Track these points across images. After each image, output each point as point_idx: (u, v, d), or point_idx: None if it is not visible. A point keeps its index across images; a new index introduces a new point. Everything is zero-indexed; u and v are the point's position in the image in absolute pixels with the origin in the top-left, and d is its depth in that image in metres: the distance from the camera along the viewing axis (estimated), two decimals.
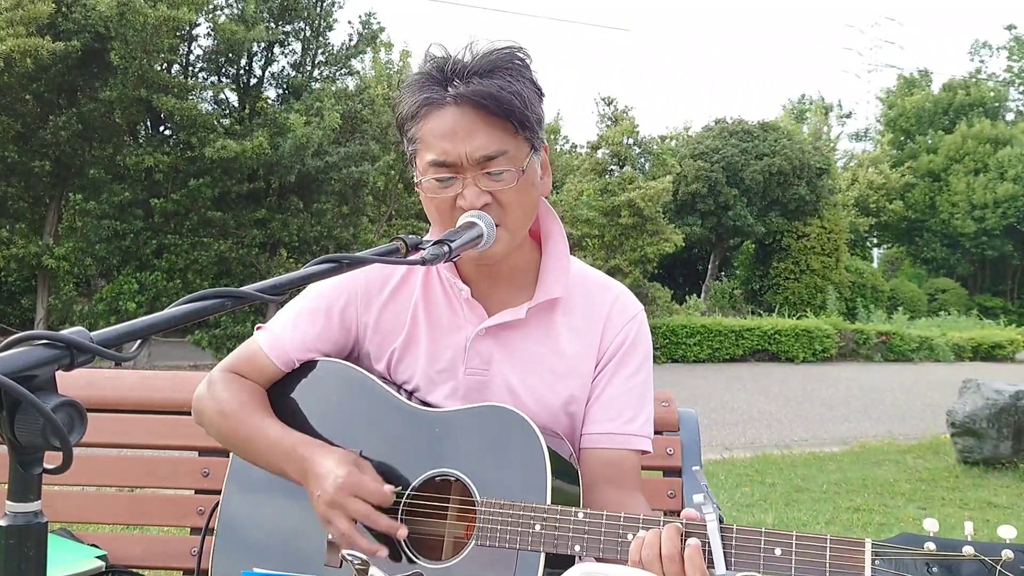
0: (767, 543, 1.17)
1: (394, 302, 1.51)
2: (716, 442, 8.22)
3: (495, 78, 1.31)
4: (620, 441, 1.46)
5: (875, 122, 43.34)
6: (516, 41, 1.36)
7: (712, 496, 1.21)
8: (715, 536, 1.18)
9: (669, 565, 1.17)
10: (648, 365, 1.52)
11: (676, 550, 1.18)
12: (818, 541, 1.16)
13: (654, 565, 1.18)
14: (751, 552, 1.18)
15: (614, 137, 19.70)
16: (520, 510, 1.27)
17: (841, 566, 1.14)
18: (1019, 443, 6.70)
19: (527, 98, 1.33)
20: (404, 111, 1.37)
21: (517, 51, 1.35)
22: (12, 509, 0.73)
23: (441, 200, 1.35)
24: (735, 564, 1.18)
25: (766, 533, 1.18)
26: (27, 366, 0.72)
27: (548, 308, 1.47)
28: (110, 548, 1.83)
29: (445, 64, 1.34)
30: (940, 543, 1.12)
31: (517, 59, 1.35)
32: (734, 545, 1.18)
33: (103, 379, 1.95)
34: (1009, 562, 1.08)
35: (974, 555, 1.10)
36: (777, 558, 1.17)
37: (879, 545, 1.13)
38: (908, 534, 1.14)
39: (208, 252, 14.73)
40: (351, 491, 1.29)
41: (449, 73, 1.32)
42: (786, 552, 1.16)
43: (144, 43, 12.86)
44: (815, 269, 25.48)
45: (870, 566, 1.13)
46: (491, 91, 1.29)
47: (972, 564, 1.10)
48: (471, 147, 1.31)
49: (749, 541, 1.18)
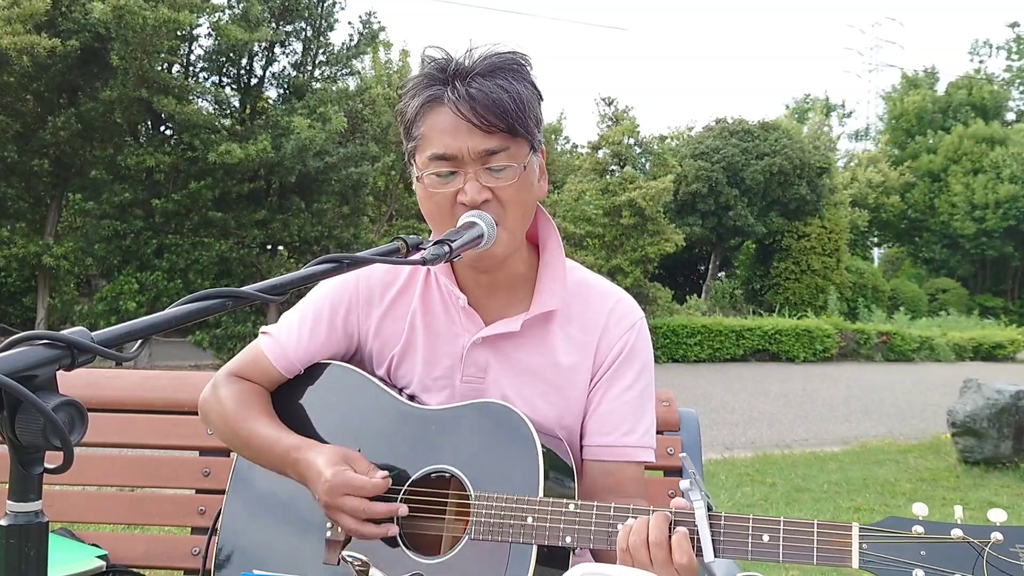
0: (755, 529, 1.18)
1: (394, 309, 1.52)
2: (717, 442, 8.22)
3: (496, 79, 1.31)
4: (617, 453, 1.46)
5: (876, 121, 43.38)
6: (518, 46, 1.38)
7: (700, 483, 1.21)
8: (703, 523, 1.18)
9: (656, 551, 1.17)
10: (648, 374, 1.51)
11: (663, 536, 1.18)
12: (805, 526, 1.16)
13: (640, 551, 1.18)
14: (739, 538, 1.18)
15: (615, 137, 19.69)
16: (512, 503, 1.28)
17: (829, 550, 1.14)
18: (1020, 443, 6.70)
19: (527, 99, 1.34)
20: (407, 109, 1.38)
21: (518, 55, 1.37)
22: (13, 509, 0.73)
23: (441, 196, 1.35)
24: (723, 551, 1.19)
25: (754, 519, 1.18)
26: (28, 366, 0.72)
27: (544, 319, 1.47)
28: (111, 548, 1.83)
29: (447, 65, 1.34)
30: (928, 526, 1.11)
31: (518, 62, 1.36)
32: (722, 532, 1.19)
33: (104, 379, 1.95)
34: (998, 544, 1.07)
35: (963, 538, 1.09)
36: (765, 544, 1.17)
37: (866, 529, 1.13)
38: (896, 517, 1.13)
39: (209, 252, 14.73)
40: (341, 491, 1.31)
41: (451, 73, 1.33)
42: (774, 538, 1.17)
43: (144, 44, 12.86)
44: (816, 269, 25.47)
45: (857, 549, 1.12)
46: (492, 90, 1.30)
47: (961, 547, 1.08)
48: (473, 141, 1.31)
49: (737, 527, 1.19)
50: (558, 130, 25.48)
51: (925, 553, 1.09)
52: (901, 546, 1.11)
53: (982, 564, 1.07)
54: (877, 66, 48.66)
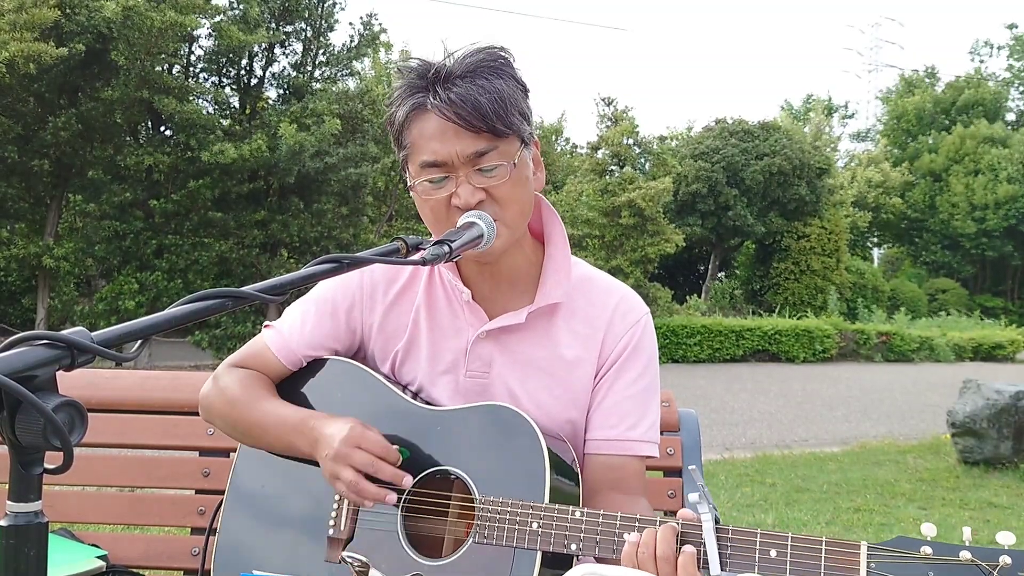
0: (763, 544, 1.17)
1: (398, 304, 1.52)
2: (716, 442, 8.22)
3: (476, 79, 1.31)
4: (621, 447, 1.46)
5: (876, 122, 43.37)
6: (496, 41, 1.37)
7: (708, 495, 1.21)
8: (710, 536, 1.18)
9: (663, 566, 1.17)
10: (652, 370, 1.51)
11: (671, 551, 1.18)
12: (813, 543, 1.15)
13: (648, 565, 1.18)
14: (746, 553, 1.18)
15: (614, 137, 19.69)
16: (518, 508, 1.28)
17: (836, 568, 1.13)
18: (1019, 443, 6.70)
19: (509, 95, 1.33)
20: (395, 119, 1.38)
21: (498, 50, 1.36)
22: (13, 509, 0.73)
23: (436, 202, 1.35)
24: (730, 565, 1.18)
25: (762, 534, 1.18)
26: (28, 366, 0.72)
27: (549, 312, 1.47)
28: (111, 548, 1.83)
29: (427, 71, 1.34)
30: (937, 547, 1.11)
31: (499, 58, 1.35)
32: (729, 546, 1.18)
33: (104, 379, 1.95)
34: (1006, 568, 1.08)
35: (971, 560, 1.09)
36: (772, 559, 1.16)
37: (875, 548, 1.13)
38: (905, 537, 1.13)
39: (209, 252, 14.74)
40: (355, 443, 1.32)
41: (431, 79, 1.33)
42: (781, 554, 1.16)
43: (148, 46, 12.88)
44: (815, 269, 25.48)
45: (865, 569, 1.12)
46: (473, 92, 1.30)
47: (969, 569, 1.09)
48: (461, 145, 1.32)
49: (744, 542, 1.18)
50: (559, 131, 25.49)
51: (933, 574, 1.10)
52: (909, 566, 1.11)
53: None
54: (877, 66, 48.73)
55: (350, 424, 1.34)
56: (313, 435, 1.38)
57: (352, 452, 1.32)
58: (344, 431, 1.33)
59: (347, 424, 1.35)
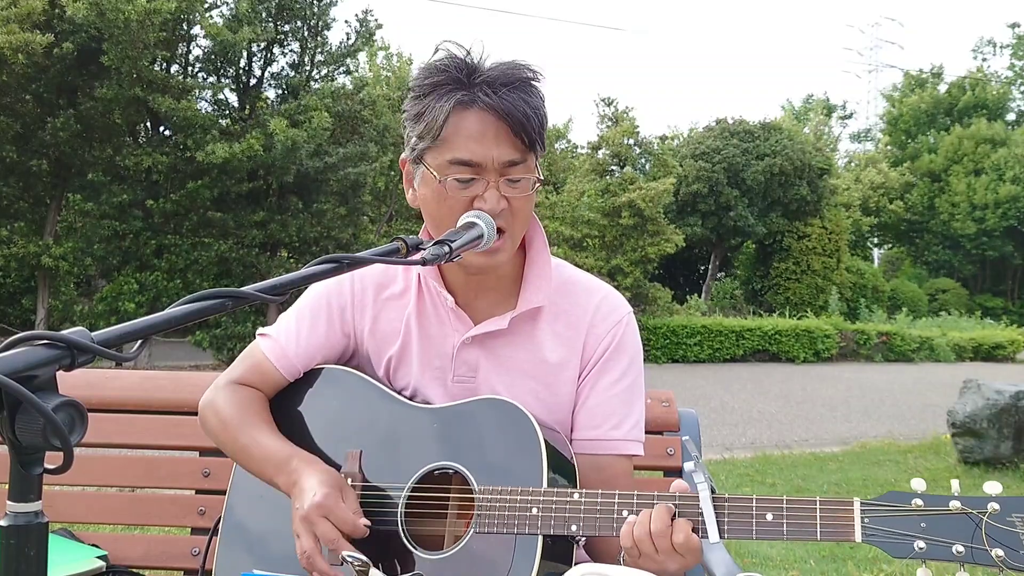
0: (759, 509, 1.20)
1: (389, 309, 1.53)
2: (716, 442, 8.22)
3: (521, 92, 1.34)
4: (606, 447, 1.47)
5: (877, 121, 43.35)
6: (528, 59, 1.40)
7: (703, 465, 1.23)
8: (707, 505, 1.21)
9: (659, 540, 1.20)
10: (636, 368, 1.52)
11: (664, 526, 1.20)
12: (808, 503, 1.18)
13: (644, 542, 1.21)
14: (743, 519, 1.20)
15: (615, 138, 19.68)
16: (517, 495, 1.29)
17: (831, 525, 1.16)
18: (1020, 443, 6.69)
19: (544, 115, 1.37)
20: (431, 109, 1.34)
21: (535, 69, 1.39)
22: (13, 509, 0.73)
23: (456, 200, 1.35)
24: (727, 532, 1.21)
25: (757, 500, 1.20)
26: (28, 366, 0.72)
27: (531, 316, 1.48)
28: (111, 548, 1.83)
29: (469, 72, 1.34)
30: (927, 499, 1.14)
31: (537, 77, 1.38)
32: (726, 513, 1.21)
33: (104, 379, 1.95)
34: (996, 514, 1.11)
35: (961, 509, 1.12)
36: (769, 523, 1.19)
37: (867, 504, 1.16)
38: (896, 492, 1.17)
39: (208, 252, 14.74)
40: (323, 512, 1.29)
41: (477, 79, 1.34)
42: (777, 516, 1.19)
43: (133, 41, 12.84)
44: (816, 269, 25.48)
45: (859, 524, 1.15)
46: (519, 105, 1.32)
47: (960, 518, 1.12)
48: (498, 151, 1.33)
49: (740, 508, 1.21)
50: (563, 134, 25.51)
51: (925, 525, 1.13)
52: (901, 519, 1.14)
53: (980, 533, 1.10)
54: (877, 66, 48.72)
55: (326, 489, 1.31)
56: (292, 479, 1.37)
57: (318, 521, 1.29)
58: (319, 495, 1.30)
59: (324, 487, 1.31)
